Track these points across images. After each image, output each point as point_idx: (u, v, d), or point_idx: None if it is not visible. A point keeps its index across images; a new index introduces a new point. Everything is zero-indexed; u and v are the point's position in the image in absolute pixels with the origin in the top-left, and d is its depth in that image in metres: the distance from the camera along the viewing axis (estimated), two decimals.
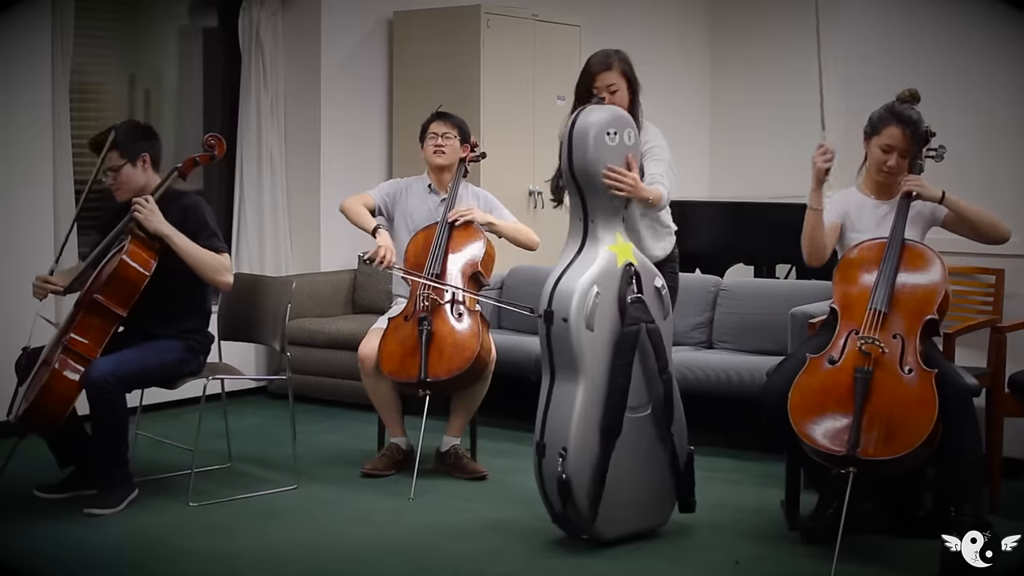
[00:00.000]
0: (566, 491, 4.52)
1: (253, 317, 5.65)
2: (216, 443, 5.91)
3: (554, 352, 4.61)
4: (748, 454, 6.03)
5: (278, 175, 7.77)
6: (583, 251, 4.70)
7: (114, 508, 5.03)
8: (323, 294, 7.69)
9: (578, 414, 4.54)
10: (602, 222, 4.70)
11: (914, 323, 4.54)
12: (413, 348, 5.50)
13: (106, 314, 5.04)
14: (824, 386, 4.49)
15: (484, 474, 5.69)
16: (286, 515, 5.14)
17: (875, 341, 4.46)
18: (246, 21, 7.60)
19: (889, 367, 4.45)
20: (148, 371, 5.15)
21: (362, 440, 6.33)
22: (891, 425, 4.33)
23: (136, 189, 5.21)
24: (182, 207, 5.20)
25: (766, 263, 8.62)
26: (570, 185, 4.72)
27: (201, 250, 5.12)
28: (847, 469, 4.30)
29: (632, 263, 4.69)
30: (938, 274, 4.65)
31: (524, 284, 7.16)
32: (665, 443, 4.75)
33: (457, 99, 7.59)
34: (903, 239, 4.71)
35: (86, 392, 4.96)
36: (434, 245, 5.72)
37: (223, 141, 5.36)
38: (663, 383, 4.70)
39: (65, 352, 4.98)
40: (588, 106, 4.74)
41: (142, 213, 5.07)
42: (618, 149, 4.67)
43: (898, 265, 4.65)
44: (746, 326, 6.60)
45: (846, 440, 4.31)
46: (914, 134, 4.77)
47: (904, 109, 4.81)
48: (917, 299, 4.60)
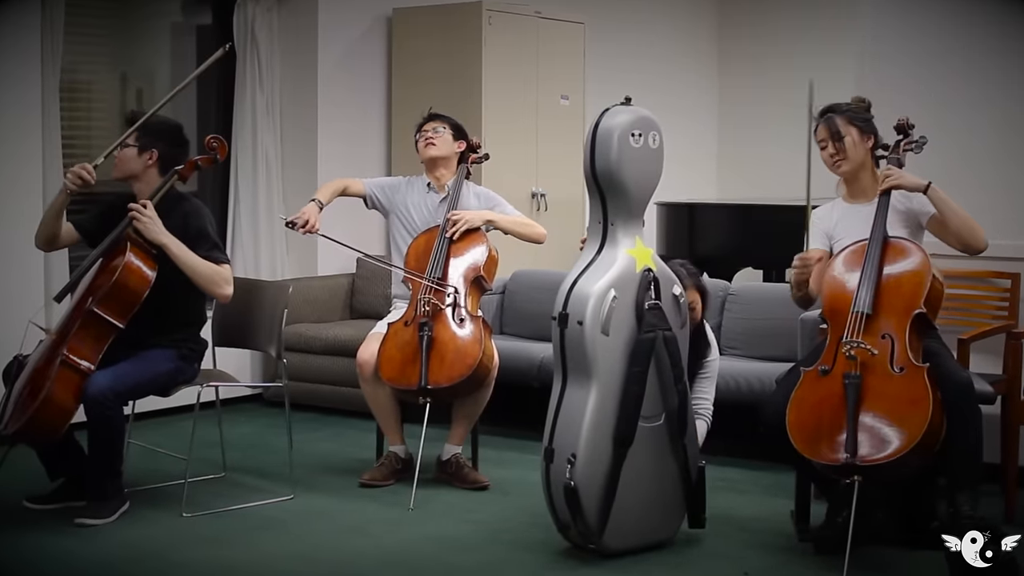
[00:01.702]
0: (574, 499, 4.53)
1: (248, 323, 5.66)
2: (210, 452, 5.92)
3: (567, 355, 4.63)
4: (757, 463, 6.05)
5: (274, 176, 7.78)
6: (601, 254, 4.72)
7: (105, 519, 5.05)
8: (320, 299, 7.70)
9: (589, 420, 4.55)
10: (622, 225, 4.73)
11: (902, 320, 4.55)
12: (413, 354, 5.51)
13: (104, 326, 5.04)
14: (819, 398, 4.52)
15: (486, 484, 5.70)
16: (282, 526, 5.16)
17: (861, 344, 4.48)
18: (241, 18, 7.62)
19: (879, 368, 4.47)
20: (144, 384, 5.19)
21: (360, 449, 6.34)
22: (887, 427, 4.35)
23: (127, 174, 5.25)
24: (183, 213, 5.22)
25: (775, 267, 8.62)
26: (591, 187, 4.74)
27: (199, 260, 5.13)
28: (852, 478, 4.32)
29: (651, 268, 4.71)
30: (920, 265, 4.63)
31: (527, 288, 7.18)
32: (677, 455, 4.77)
33: (458, 98, 7.63)
34: (885, 236, 4.72)
35: (84, 408, 4.97)
36: (435, 249, 5.74)
37: (225, 143, 5.38)
38: (678, 393, 4.72)
39: (63, 366, 4.97)
40: (612, 107, 4.77)
41: (141, 221, 5.09)
42: (642, 151, 4.69)
43: (881, 264, 4.66)
44: (755, 332, 6.62)
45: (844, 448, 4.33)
46: (829, 120, 4.88)
47: (824, 107, 4.95)
48: (903, 295, 4.60)
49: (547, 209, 8.16)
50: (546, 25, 8.30)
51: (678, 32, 10.54)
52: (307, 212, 5.71)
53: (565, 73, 8.41)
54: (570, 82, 8.42)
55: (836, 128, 4.87)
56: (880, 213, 4.76)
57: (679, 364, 4.71)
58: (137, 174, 5.25)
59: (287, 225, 5.71)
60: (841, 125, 4.87)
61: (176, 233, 5.12)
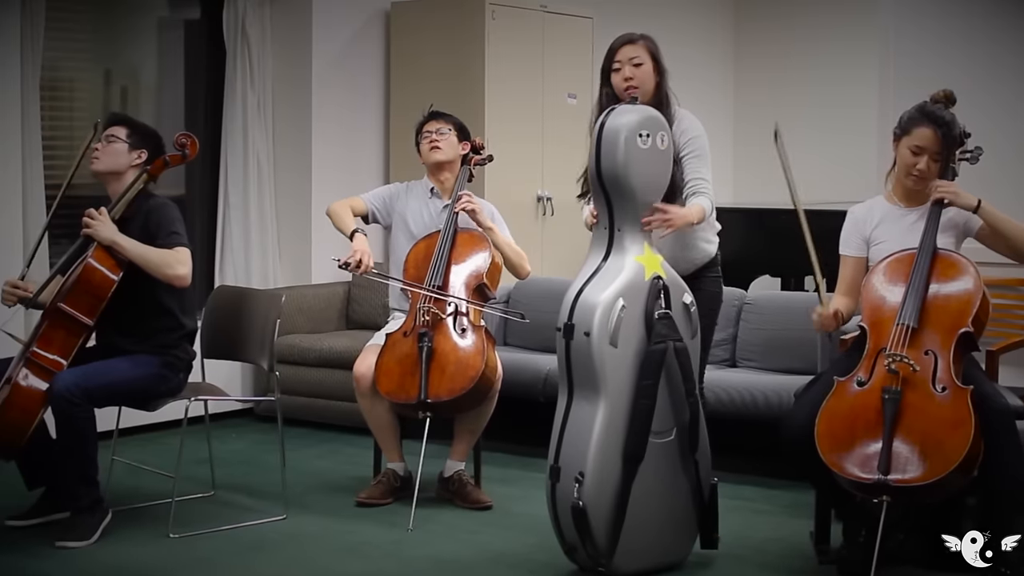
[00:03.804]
0: (582, 520, 4.53)
1: (239, 333, 5.67)
2: (199, 470, 5.94)
3: (573, 369, 4.63)
4: (774, 481, 6.04)
5: (266, 179, 7.80)
6: (608, 261, 4.72)
7: (87, 540, 5.06)
8: (314, 308, 7.72)
9: (598, 437, 4.55)
10: (629, 231, 4.73)
11: (947, 337, 4.56)
12: (413, 366, 5.52)
13: (72, 323, 5.07)
14: (853, 410, 4.51)
15: (489, 504, 5.70)
16: (274, 548, 5.17)
17: (904, 359, 4.48)
18: (231, 13, 7.63)
19: (920, 386, 4.47)
20: (120, 385, 5.17)
21: (357, 466, 6.35)
22: (924, 448, 4.35)
23: (113, 168, 5.29)
24: (146, 211, 5.25)
25: (794, 275, 8.63)
26: (596, 190, 4.74)
27: (148, 249, 5.13)
28: (880, 498, 4.32)
29: (660, 276, 4.72)
30: (972, 283, 4.65)
31: (531, 298, 7.17)
32: (688, 471, 4.77)
33: (460, 97, 7.64)
34: (934, 248, 4.73)
35: (51, 406, 4.99)
36: (436, 255, 5.75)
37: (196, 140, 5.42)
38: (690, 406, 4.72)
39: (28, 365, 5.02)
40: (618, 106, 4.78)
41: (91, 226, 5.13)
42: (650, 153, 4.70)
43: (929, 276, 4.67)
44: (773, 343, 6.63)
45: (876, 466, 4.34)
46: (946, 136, 4.80)
47: (936, 109, 4.85)
48: (950, 311, 4.62)
49: (553, 214, 8.17)
50: (552, 20, 8.31)
51: (693, 27, 10.54)
52: (359, 251, 5.60)
53: (572, 71, 8.42)
54: (578, 80, 8.42)
55: (943, 149, 4.82)
56: (931, 223, 4.76)
57: (691, 377, 4.72)
58: (122, 170, 5.30)
59: (341, 267, 5.61)
60: (945, 146, 4.81)
61: (140, 232, 5.16)
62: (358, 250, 5.62)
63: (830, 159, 9.76)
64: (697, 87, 10.39)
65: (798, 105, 10.41)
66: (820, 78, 10.30)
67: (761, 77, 10.77)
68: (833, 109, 9.92)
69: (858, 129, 9.49)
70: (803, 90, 10.43)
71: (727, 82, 10.88)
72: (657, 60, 5.14)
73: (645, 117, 4.73)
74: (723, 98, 10.83)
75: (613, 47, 5.16)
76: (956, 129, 4.83)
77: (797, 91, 10.43)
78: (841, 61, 10.16)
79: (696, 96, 10.25)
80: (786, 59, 10.61)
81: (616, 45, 5.15)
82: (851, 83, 9.86)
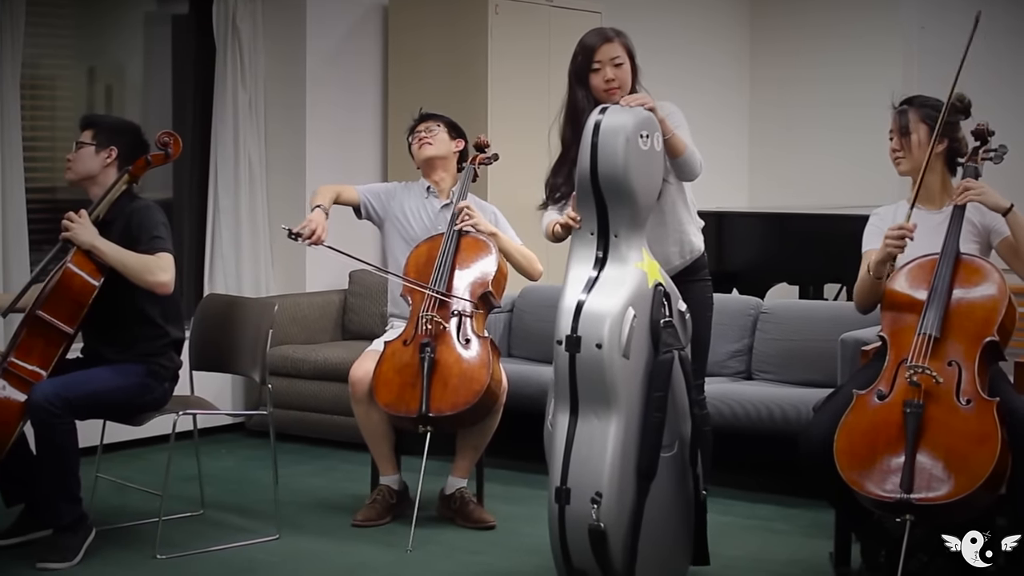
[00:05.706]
0: (600, 543, 4.44)
1: (229, 344, 5.68)
2: (187, 487, 5.94)
3: (579, 384, 4.55)
4: (792, 500, 6.04)
5: (258, 182, 7.81)
6: (606, 269, 4.67)
7: (70, 561, 5.06)
8: (309, 318, 7.73)
9: (613, 453, 4.47)
10: (626, 236, 4.69)
11: (972, 347, 4.55)
12: (413, 378, 5.51)
13: (51, 331, 5.08)
14: (873, 425, 4.50)
15: (492, 523, 5.70)
16: (266, 570, 5.17)
17: (926, 370, 4.46)
18: (221, 7, 7.64)
19: (944, 398, 4.46)
20: (102, 395, 5.16)
21: (353, 484, 6.35)
22: (948, 464, 4.34)
23: (85, 174, 5.31)
24: (128, 213, 5.26)
25: (813, 282, 8.64)
26: (586, 194, 4.69)
27: (128, 254, 5.13)
28: (903, 517, 4.32)
29: (661, 283, 4.71)
30: (997, 289, 4.64)
31: (536, 306, 7.19)
32: (688, 486, 4.75)
33: (461, 96, 7.65)
34: (957, 252, 4.73)
35: (30, 418, 5.00)
36: (439, 259, 5.75)
37: (179, 139, 5.44)
38: (693, 417, 4.72)
39: (5, 376, 5.03)
40: (610, 106, 4.75)
41: (70, 229, 5.14)
42: (649, 155, 4.69)
43: (952, 283, 4.66)
44: (790, 354, 6.62)
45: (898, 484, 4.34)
46: (904, 113, 4.92)
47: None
48: (974, 320, 4.60)
49: None
50: (559, 15, 8.32)
51: (706, 22, 10.55)
52: (313, 221, 5.58)
53: None
54: None
55: (905, 123, 4.91)
56: (954, 227, 4.74)
57: (692, 387, 4.72)
58: (94, 174, 5.31)
59: (291, 236, 5.55)
60: (911, 120, 4.90)
61: (122, 236, 5.17)
62: (312, 219, 5.59)
63: (849, 160, 9.77)
64: (711, 86, 10.42)
65: (815, 104, 10.42)
66: (839, 76, 10.30)
67: (777, 75, 10.77)
68: (852, 108, 9.91)
69: (880, 129, 9.47)
70: (821, 88, 10.44)
71: (742, 80, 10.88)
72: (633, 57, 5.10)
73: (644, 118, 4.69)
74: (738, 97, 10.84)
75: (590, 46, 5.03)
76: (923, 102, 4.93)
77: (814, 90, 10.44)
78: (861, 58, 10.16)
79: (711, 95, 10.32)
80: (803, 56, 10.61)
81: (593, 44, 5.04)
82: (872, 81, 9.86)
